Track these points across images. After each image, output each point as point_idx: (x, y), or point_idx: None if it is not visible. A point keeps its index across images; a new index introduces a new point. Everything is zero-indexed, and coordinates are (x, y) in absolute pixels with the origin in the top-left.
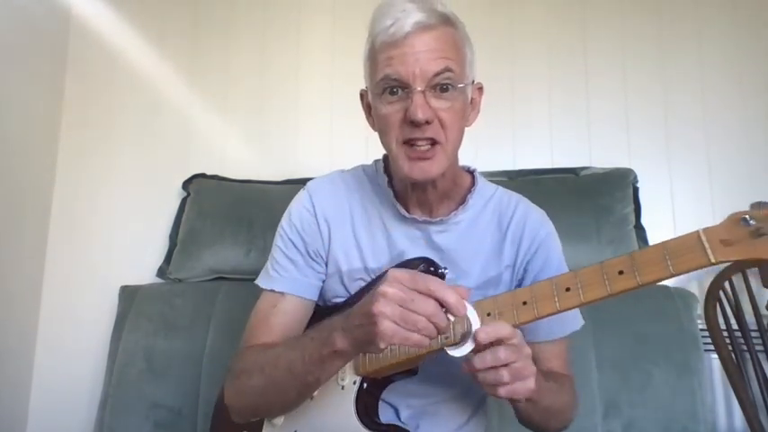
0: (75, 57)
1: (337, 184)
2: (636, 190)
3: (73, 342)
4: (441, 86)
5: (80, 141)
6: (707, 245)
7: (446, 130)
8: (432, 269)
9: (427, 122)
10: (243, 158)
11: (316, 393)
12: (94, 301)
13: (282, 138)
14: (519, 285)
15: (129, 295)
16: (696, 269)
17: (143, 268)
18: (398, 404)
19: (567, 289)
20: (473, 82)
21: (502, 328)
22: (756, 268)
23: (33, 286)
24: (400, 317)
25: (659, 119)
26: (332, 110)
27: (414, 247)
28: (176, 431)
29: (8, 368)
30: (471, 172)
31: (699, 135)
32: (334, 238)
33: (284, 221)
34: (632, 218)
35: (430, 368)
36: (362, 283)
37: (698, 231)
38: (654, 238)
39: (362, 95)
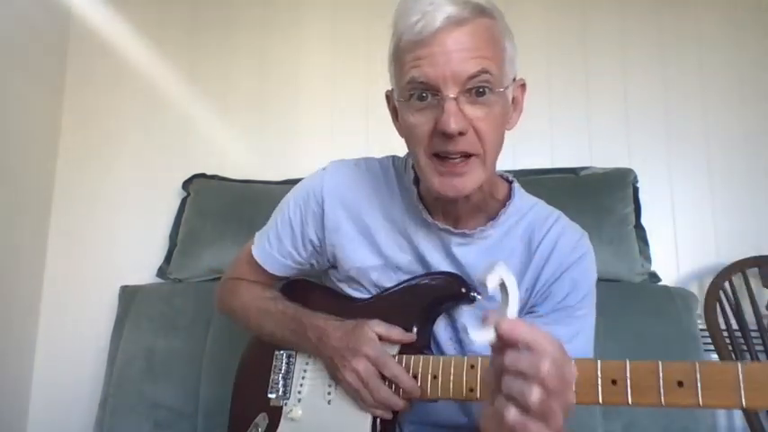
0: (75, 57)
1: (361, 171)
2: (636, 190)
3: (73, 342)
4: (476, 90)
5: (80, 141)
6: None
7: (483, 140)
8: (463, 290)
9: (461, 134)
10: (243, 158)
11: (333, 397)
12: (94, 301)
13: (282, 138)
14: (531, 312)
15: (129, 295)
16: None
17: (143, 268)
18: (401, 420)
19: (614, 382)
20: (514, 80)
21: (540, 338)
22: (756, 268)
23: (33, 286)
24: (356, 390)
25: (659, 119)
26: (332, 109)
27: (433, 253)
28: (176, 431)
29: (8, 368)
30: (510, 182)
31: (699, 135)
32: (344, 229)
33: (292, 197)
34: (632, 218)
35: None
36: (387, 282)
37: None
38: (654, 238)
39: (388, 98)
